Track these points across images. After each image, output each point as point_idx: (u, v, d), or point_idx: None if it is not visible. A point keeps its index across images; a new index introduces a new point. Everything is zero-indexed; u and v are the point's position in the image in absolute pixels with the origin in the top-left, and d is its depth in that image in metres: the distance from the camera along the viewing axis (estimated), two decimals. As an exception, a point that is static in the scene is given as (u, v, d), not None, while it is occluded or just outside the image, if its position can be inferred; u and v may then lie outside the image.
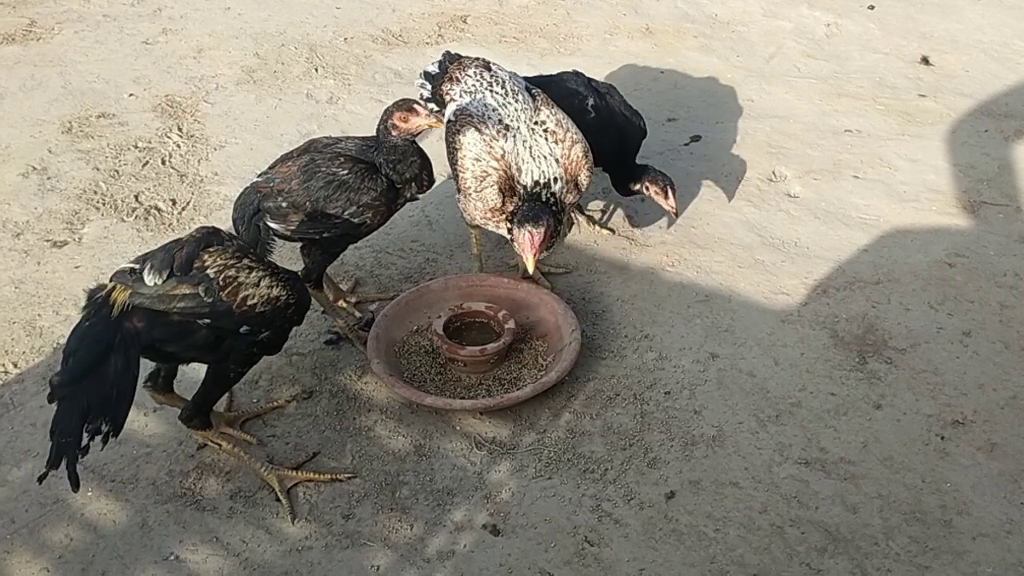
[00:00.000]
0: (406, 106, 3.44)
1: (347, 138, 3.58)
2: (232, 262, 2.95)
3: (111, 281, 2.89)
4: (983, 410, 3.44)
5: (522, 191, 3.52)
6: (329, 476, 3.20)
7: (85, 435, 2.69)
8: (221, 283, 2.90)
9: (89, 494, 3.15)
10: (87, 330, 2.80)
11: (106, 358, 2.76)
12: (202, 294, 2.87)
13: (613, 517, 3.10)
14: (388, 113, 3.45)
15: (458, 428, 3.38)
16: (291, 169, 3.44)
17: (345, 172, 3.41)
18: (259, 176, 3.52)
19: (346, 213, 3.41)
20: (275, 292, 3.00)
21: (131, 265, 2.91)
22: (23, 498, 3.12)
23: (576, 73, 4.11)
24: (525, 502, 3.14)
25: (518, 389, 3.44)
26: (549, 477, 3.21)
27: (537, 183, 3.50)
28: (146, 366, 3.07)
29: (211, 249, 2.97)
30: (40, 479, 2.70)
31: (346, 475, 3.21)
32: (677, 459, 3.28)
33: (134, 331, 2.83)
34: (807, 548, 3.01)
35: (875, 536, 3.04)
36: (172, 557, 2.99)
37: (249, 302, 2.94)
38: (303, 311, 3.14)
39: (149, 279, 2.84)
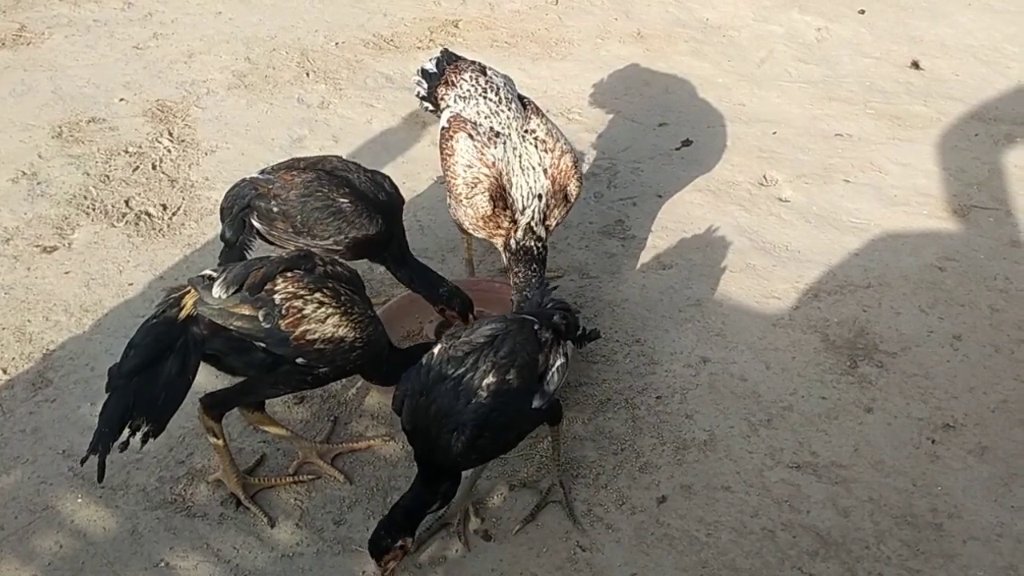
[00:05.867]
0: None
1: (359, 168, 3.50)
2: (303, 292, 2.84)
3: (188, 283, 2.86)
4: (974, 413, 3.45)
5: (511, 212, 3.50)
6: (291, 479, 3.19)
7: (127, 430, 2.68)
8: (283, 312, 2.81)
9: (79, 500, 3.14)
10: (151, 328, 2.79)
11: (163, 359, 2.74)
12: (260, 319, 2.80)
13: (605, 522, 3.10)
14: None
15: (449, 433, 3.37)
16: (294, 180, 3.39)
17: (346, 202, 3.37)
18: (260, 173, 3.49)
19: (330, 240, 3.38)
20: (340, 333, 2.87)
21: (211, 272, 2.87)
22: (12, 505, 3.11)
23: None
24: (517, 507, 3.13)
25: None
26: (540, 482, 3.20)
27: (524, 198, 3.48)
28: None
29: (290, 273, 2.87)
30: (81, 462, 2.68)
31: (309, 477, 3.20)
32: (669, 463, 3.28)
33: (199, 337, 2.81)
34: (798, 552, 3.01)
35: (866, 540, 3.05)
36: (162, 564, 2.98)
37: (308, 336, 2.83)
38: (371, 358, 3.00)
39: (215, 292, 2.80)
